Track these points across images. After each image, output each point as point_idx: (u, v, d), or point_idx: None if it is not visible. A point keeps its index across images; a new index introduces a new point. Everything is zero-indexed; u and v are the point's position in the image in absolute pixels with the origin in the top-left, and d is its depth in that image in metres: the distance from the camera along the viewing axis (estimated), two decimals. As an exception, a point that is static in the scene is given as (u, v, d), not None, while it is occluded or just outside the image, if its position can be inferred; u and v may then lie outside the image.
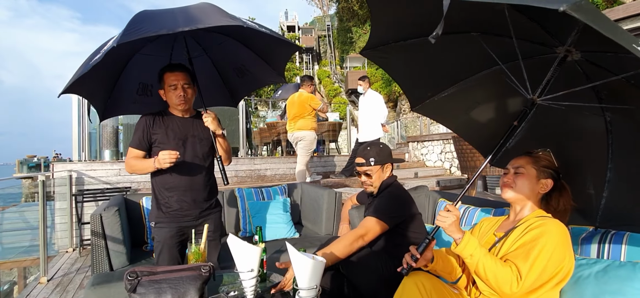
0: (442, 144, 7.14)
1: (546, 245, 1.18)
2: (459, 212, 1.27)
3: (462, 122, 1.79)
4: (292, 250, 0.91)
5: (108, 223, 2.26)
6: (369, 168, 1.96)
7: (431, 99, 1.67)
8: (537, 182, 1.38)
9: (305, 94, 4.94)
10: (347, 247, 1.70)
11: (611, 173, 1.31)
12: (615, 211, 1.33)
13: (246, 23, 1.68)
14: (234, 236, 1.01)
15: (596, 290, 1.21)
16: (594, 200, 1.37)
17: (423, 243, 1.26)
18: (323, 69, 26.41)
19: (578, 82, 1.19)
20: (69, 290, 3.17)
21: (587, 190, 1.40)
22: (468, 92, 1.58)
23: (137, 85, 2.11)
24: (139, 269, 1.28)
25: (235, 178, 5.79)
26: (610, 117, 1.28)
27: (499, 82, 1.40)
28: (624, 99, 1.18)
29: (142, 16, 1.63)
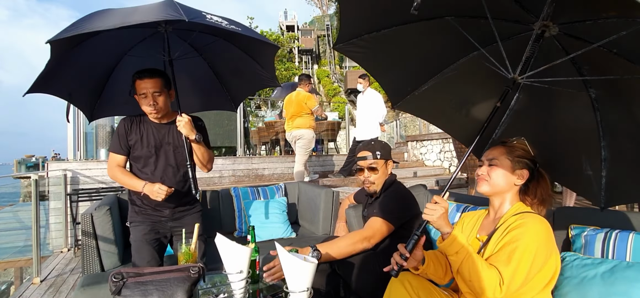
0: (441, 143, 7.10)
1: (528, 247, 1.11)
2: (447, 204, 1.19)
3: (447, 116, 1.70)
4: (281, 251, 0.86)
5: (99, 223, 2.21)
6: (375, 162, 1.86)
7: (412, 93, 1.58)
8: (512, 173, 1.31)
9: (302, 92, 4.90)
10: (349, 247, 1.63)
11: (605, 151, 1.26)
12: (617, 189, 1.28)
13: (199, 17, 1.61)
14: (222, 236, 0.96)
15: (602, 291, 1.16)
16: (594, 181, 1.32)
17: (411, 240, 1.18)
18: (322, 68, 26.38)
19: (558, 58, 1.13)
20: (62, 290, 3.11)
21: (585, 172, 1.35)
22: (449, 82, 1.50)
23: (130, 87, 2.01)
24: (125, 270, 1.23)
25: (233, 178, 5.74)
26: (595, 94, 1.23)
27: (480, 68, 1.34)
28: (606, 70, 1.13)
29: (97, 13, 1.62)
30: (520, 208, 1.28)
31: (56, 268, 3.75)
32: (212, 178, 5.57)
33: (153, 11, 1.56)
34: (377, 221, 1.71)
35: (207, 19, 1.65)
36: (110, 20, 1.51)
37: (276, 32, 22.26)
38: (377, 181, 1.87)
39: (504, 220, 1.26)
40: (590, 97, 1.23)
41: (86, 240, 2.19)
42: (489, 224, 1.35)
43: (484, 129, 1.23)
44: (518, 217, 1.22)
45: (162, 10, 1.55)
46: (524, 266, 1.09)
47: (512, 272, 1.08)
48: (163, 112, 1.90)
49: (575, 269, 1.28)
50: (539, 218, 1.19)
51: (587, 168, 1.35)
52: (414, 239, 1.17)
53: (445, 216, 1.17)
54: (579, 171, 1.38)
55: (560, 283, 1.30)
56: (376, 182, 1.87)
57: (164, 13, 1.52)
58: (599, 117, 1.24)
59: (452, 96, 1.56)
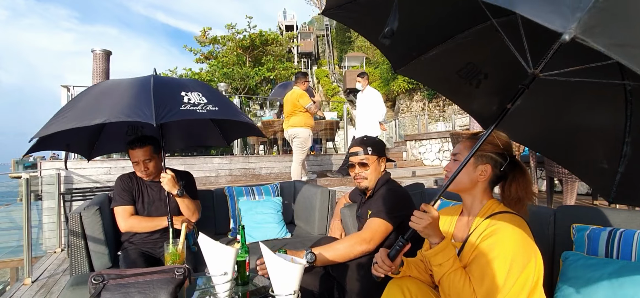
0: (440, 142, 7.05)
1: (501, 260, 1.03)
2: (436, 213, 1.09)
3: (453, 84, 1.54)
4: (266, 252, 0.81)
5: (88, 222, 2.15)
6: (366, 158, 1.79)
7: (418, 58, 1.44)
8: (474, 169, 1.21)
9: (297, 90, 4.86)
10: (347, 249, 1.56)
11: (628, 147, 1.15)
12: (631, 188, 1.20)
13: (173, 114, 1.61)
14: (205, 236, 0.90)
15: (609, 293, 1.09)
16: (609, 175, 1.23)
17: (395, 247, 1.11)
18: (321, 68, 26.32)
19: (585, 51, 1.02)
20: (54, 291, 3.05)
21: (600, 164, 1.25)
22: (459, 50, 1.37)
23: (126, 128, 2.27)
24: (106, 272, 1.18)
25: (230, 177, 5.68)
26: (631, 86, 1.10)
27: (495, 41, 1.21)
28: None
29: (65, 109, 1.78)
30: (492, 207, 1.20)
31: (48, 268, 3.69)
32: (208, 177, 5.52)
33: (122, 107, 1.59)
34: (375, 222, 1.64)
35: (181, 108, 1.64)
36: (80, 114, 1.64)
37: (275, 31, 22.20)
38: (369, 177, 1.80)
39: (476, 224, 1.19)
40: (625, 89, 1.11)
41: (74, 240, 2.13)
42: (462, 227, 1.28)
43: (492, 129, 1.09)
44: (490, 221, 1.13)
45: (132, 108, 1.56)
46: (498, 280, 1.02)
47: (486, 289, 1.02)
48: (154, 174, 2.14)
49: (579, 269, 1.22)
50: (511, 219, 1.10)
51: (603, 161, 1.25)
52: (398, 246, 1.11)
53: (433, 225, 1.08)
54: (593, 162, 1.29)
55: (563, 283, 1.25)
56: (368, 177, 1.80)
57: (134, 112, 1.54)
58: (629, 111, 1.13)
59: (461, 65, 1.42)
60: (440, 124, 14.69)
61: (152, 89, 1.64)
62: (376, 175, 1.82)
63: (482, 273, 1.04)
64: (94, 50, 5.00)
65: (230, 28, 18.78)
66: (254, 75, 16.42)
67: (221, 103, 1.81)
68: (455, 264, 1.06)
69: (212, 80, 16.48)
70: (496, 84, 1.43)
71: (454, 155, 1.27)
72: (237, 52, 18.17)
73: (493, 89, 1.44)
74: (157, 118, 1.47)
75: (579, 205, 1.70)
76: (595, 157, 1.28)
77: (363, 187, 1.82)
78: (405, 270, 1.24)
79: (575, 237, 1.42)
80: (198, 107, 1.68)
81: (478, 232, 1.14)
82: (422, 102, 17.04)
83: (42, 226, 4.42)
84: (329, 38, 29.45)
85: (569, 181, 2.71)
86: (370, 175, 1.80)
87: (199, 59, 19.48)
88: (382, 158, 1.84)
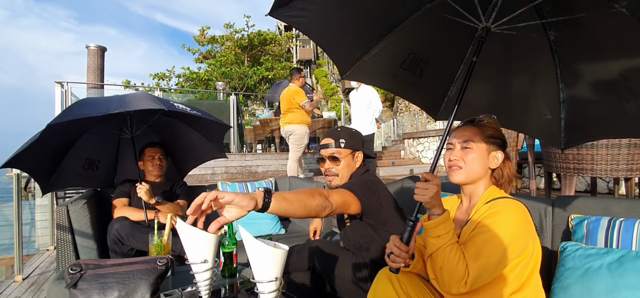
0: (438, 140, 7.01)
1: (499, 239, 0.99)
2: (438, 180, 1.02)
3: (399, 78, 1.49)
4: (246, 235, 0.76)
5: (75, 217, 2.10)
6: (337, 151, 1.57)
7: (361, 59, 1.40)
8: (487, 156, 1.17)
9: (293, 87, 4.81)
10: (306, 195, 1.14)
11: (564, 93, 1.23)
12: (577, 129, 1.26)
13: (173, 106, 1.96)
14: (182, 221, 0.85)
15: (610, 283, 1.05)
16: (554, 124, 1.29)
17: (407, 228, 1.02)
18: (320, 68, 26.30)
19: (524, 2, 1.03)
20: (44, 288, 3.00)
21: (544, 116, 1.31)
22: (401, 41, 1.34)
23: (84, 161, 2.34)
24: (85, 262, 1.13)
25: (226, 175, 5.64)
26: (553, 36, 1.16)
27: (434, 22, 1.25)
28: (568, 9, 1.04)
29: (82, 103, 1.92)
30: (493, 193, 1.16)
31: (40, 266, 3.63)
32: (204, 175, 5.47)
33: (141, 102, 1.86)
34: (341, 190, 1.35)
35: (177, 107, 2.02)
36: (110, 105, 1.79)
37: (273, 31, 22.19)
38: (340, 174, 1.58)
39: (476, 209, 1.14)
40: (549, 40, 1.17)
41: (62, 235, 2.08)
42: (462, 214, 1.22)
43: (463, 90, 1.10)
44: (490, 205, 1.09)
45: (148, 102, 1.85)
46: (491, 258, 0.97)
47: (479, 267, 0.97)
48: (163, 171, 2.49)
49: (578, 260, 1.18)
50: (512, 203, 1.07)
51: (546, 112, 1.30)
52: (409, 226, 1.02)
53: (438, 194, 1.01)
54: (539, 116, 1.33)
55: (562, 274, 1.20)
56: (339, 174, 1.58)
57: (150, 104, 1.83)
58: (557, 60, 1.19)
59: (405, 56, 1.39)
60: (439, 123, 14.65)
61: (147, 94, 1.98)
62: (349, 172, 1.60)
63: (477, 251, 0.99)
64: (89, 46, 4.94)
65: (229, 27, 18.76)
66: (253, 75, 16.39)
67: (200, 111, 2.13)
68: (453, 238, 1.01)
69: (211, 79, 16.45)
70: (437, 69, 1.45)
71: (464, 141, 1.19)
72: (236, 52, 18.13)
73: (435, 74, 1.46)
74: (167, 106, 1.83)
75: (577, 195, 1.65)
76: (539, 111, 1.34)
77: (334, 186, 1.59)
78: (415, 264, 1.17)
79: (573, 227, 1.38)
80: (188, 109, 2.04)
81: (478, 216, 1.10)
82: (421, 101, 17.02)
83: (34, 224, 4.36)
84: (327, 38, 29.37)
85: (567, 175, 2.67)
86: (341, 171, 1.58)
87: (197, 59, 19.44)
88: (357, 152, 1.63)
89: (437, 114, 1.52)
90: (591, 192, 3.71)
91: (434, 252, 1.01)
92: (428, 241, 1.03)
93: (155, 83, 18.13)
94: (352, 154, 1.61)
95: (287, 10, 1.14)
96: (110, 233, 2.03)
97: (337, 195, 1.25)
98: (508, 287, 1.02)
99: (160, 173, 2.44)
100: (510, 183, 1.22)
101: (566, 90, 1.22)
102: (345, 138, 1.59)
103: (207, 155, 2.71)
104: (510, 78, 1.36)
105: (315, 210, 1.14)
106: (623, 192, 4.07)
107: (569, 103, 1.23)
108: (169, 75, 18.61)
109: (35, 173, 2.16)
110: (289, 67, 18.97)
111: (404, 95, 1.56)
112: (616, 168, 2.50)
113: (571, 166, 2.62)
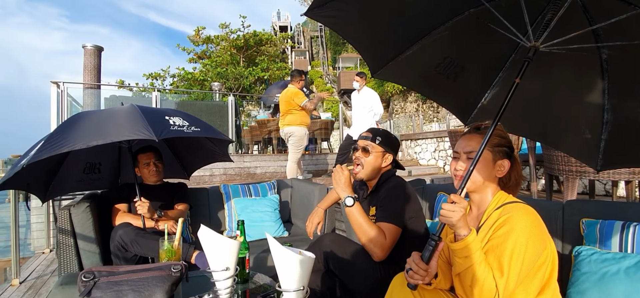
0: (436, 142, 7.04)
1: (517, 247, 1.00)
2: (466, 203, 1.03)
3: (431, 81, 1.52)
4: (274, 244, 0.75)
5: (78, 220, 2.06)
6: (370, 144, 1.70)
7: (394, 60, 1.40)
8: (493, 166, 1.18)
9: (293, 89, 4.79)
10: (368, 237, 1.46)
11: (608, 114, 1.19)
12: (617, 152, 1.22)
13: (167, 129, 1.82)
14: (206, 228, 0.83)
15: (629, 288, 1.05)
16: (593, 144, 1.26)
17: (428, 247, 1.01)
18: (315, 69, 26.30)
19: (576, 18, 1.01)
20: (42, 292, 2.94)
21: (583, 135, 1.28)
22: (438, 45, 1.34)
23: (84, 165, 2.30)
24: (98, 269, 1.10)
25: (224, 176, 5.60)
26: (606, 55, 1.13)
27: (473, 28, 1.23)
28: (629, 33, 1.00)
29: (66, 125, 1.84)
30: (502, 198, 1.16)
31: (37, 269, 3.57)
32: (202, 177, 5.42)
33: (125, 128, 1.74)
34: (386, 228, 1.52)
35: (171, 128, 1.86)
36: (86, 135, 1.69)
37: (269, 32, 22.14)
38: (365, 165, 1.70)
39: (487, 215, 1.15)
40: (601, 58, 1.13)
41: (64, 239, 2.04)
42: (472, 221, 1.22)
43: (502, 110, 1.07)
44: (502, 210, 1.10)
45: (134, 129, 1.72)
46: (515, 269, 0.98)
47: (505, 280, 0.98)
48: (161, 175, 2.42)
49: (593, 264, 1.18)
50: (524, 209, 1.07)
51: (585, 131, 1.28)
52: (431, 246, 1.01)
53: (465, 217, 1.02)
54: (577, 134, 1.31)
55: (577, 279, 1.20)
56: (363, 165, 1.70)
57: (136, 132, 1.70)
58: (606, 80, 1.15)
59: (441, 60, 1.40)
60: (435, 125, 14.74)
61: (141, 113, 1.81)
62: (374, 167, 1.71)
63: (500, 263, 1.00)
64: (85, 46, 4.87)
65: (224, 28, 18.66)
66: (248, 75, 16.32)
67: (201, 124, 2.04)
68: (481, 256, 1.01)
69: (206, 79, 16.34)
70: (473, 75, 1.44)
71: (467, 152, 1.20)
72: (231, 52, 18.05)
73: (470, 80, 1.45)
74: (157, 134, 1.69)
75: (588, 200, 1.67)
76: (578, 130, 1.31)
77: (356, 173, 1.72)
78: (438, 283, 1.15)
79: (585, 231, 1.38)
80: (184, 128, 1.92)
81: (490, 223, 1.11)
82: (417, 102, 17.08)
83: (30, 226, 4.28)
84: (323, 39, 29.44)
85: (569, 178, 2.69)
86: (367, 163, 1.70)
87: (192, 59, 19.30)
88: (388, 154, 1.74)
89: (468, 120, 1.50)
90: (589, 195, 3.74)
91: (463, 271, 1.02)
92: (456, 261, 1.04)
93: (149, 83, 17.97)
94: (383, 153, 1.73)
95: (323, 11, 1.18)
96: (113, 239, 1.98)
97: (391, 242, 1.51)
98: (530, 291, 1.03)
99: (158, 178, 2.39)
100: (518, 187, 1.23)
101: (611, 112, 1.18)
102: (381, 137, 1.74)
103: (214, 156, 2.64)
104: (551, 92, 1.32)
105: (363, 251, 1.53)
106: (620, 194, 4.13)
107: (612, 125, 1.19)
108: (163, 75, 18.46)
109: (32, 188, 2.12)
110: (285, 68, 18.94)
111: (435, 98, 1.59)
112: (618, 171, 2.52)
113: (573, 169, 2.64)
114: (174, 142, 2.58)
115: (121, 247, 1.95)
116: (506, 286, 0.98)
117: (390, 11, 1.25)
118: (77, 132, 1.75)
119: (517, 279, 0.99)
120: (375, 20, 1.29)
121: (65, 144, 1.66)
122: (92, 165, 2.37)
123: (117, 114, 1.91)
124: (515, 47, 1.30)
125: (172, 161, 2.69)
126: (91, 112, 2.05)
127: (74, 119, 1.92)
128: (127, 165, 2.57)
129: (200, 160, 2.75)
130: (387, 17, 1.27)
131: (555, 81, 1.28)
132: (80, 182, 2.34)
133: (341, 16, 1.24)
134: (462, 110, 1.54)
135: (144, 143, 2.40)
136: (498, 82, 1.38)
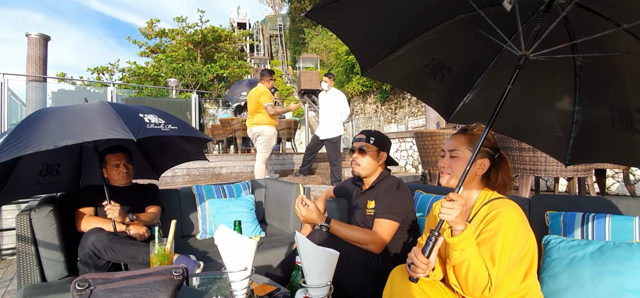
0: (397, 142, 7.33)
1: (507, 238, 1.12)
2: (463, 200, 1.11)
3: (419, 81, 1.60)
4: (302, 240, 0.76)
5: (39, 226, 1.89)
6: (366, 145, 1.87)
7: (385, 59, 1.49)
8: (473, 164, 1.29)
9: (261, 88, 4.73)
10: (359, 239, 1.67)
11: (579, 115, 1.34)
12: (584, 148, 1.37)
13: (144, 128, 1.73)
14: (224, 227, 0.83)
15: (594, 270, 1.21)
16: (563, 141, 1.41)
17: (429, 242, 1.08)
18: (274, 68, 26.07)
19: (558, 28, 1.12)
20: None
21: (555, 133, 1.43)
22: (428, 47, 1.43)
23: (40, 167, 2.10)
24: (91, 277, 1.04)
25: (188, 177, 5.38)
26: (580, 62, 1.27)
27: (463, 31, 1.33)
28: (604, 45, 1.13)
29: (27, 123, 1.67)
30: (488, 195, 1.29)
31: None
32: (163, 177, 5.15)
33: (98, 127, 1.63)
34: (384, 224, 1.70)
35: (147, 126, 1.78)
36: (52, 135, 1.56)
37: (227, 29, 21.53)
38: (363, 165, 1.87)
39: (475, 210, 1.27)
40: (575, 65, 1.27)
41: (22, 246, 1.86)
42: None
43: (495, 115, 1.18)
44: (490, 205, 1.22)
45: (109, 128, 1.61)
46: (505, 259, 1.10)
47: (497, 270, 1.09)
48: (131, 177, 2.31)
49: (562, 251, 1.34)
50: (510, 203, 1.20)
51: (557, 129, 1.42)
52: (431, 241, 1.08)
53: (462, 213, 1.10)
54: (549, 132, 1.45)
55: (548, 264, 1.35)
56: (362, 164, 1.87)
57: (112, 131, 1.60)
58: (578, 84, 1.30)
59: (429, 61, 1.49)
60: (393, 126, 15.31)
61: (115, 111, 1.72)
62: (371, 165, 1.87)
63: (492, 255, 1.11)
64: (30, 34, 4.38)
65: (181, 21, 17.82)
66: (206, 72, 15.73)
67: (177, 123, 1.96)
68: (476, 249, 1.11)
69: (160, 74, 15.50)
70: (458, 75, 1.55)
71: (451, 151, 1.33)
72: (188, 47, 17.26)
73: (455, 80, 1.57)
74: (134, 133, 1.61)
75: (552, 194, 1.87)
76: (551, 128, 1.46)
77: (356, 172, 1.90)
78: (436, 275, 1.23)
79: (550, 222, 1.55)
80: (161, 126, 1.84)
81: (479, 218, 1.21)
82: (375, 104, 17.61)
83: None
84: (282, 39, 29.26)
85: (524, 175, 2.97)
86: (364, 162, 1.87)
87: (144, 52, 18.18)
88: (382, 152, 1.90)
89: (450, 117, 1.61)
90: (535, 190, 4.14)
91: (459, 264, 1.11)
92: (452, 254, 1.12)
93: (96, 77, 16.64)
94: (377, 151, 1.88)
95: (322, 11, 1.23)
96: (84, 246, 1.83)
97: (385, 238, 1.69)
98: (516, 278, 1.15)
99: (127, 180, 2.28)
100: (506, 187, 1.33)
101: (581, 113, 1.32)
102: (375, 137, 1.89)
103: (188, 155, 2.55)
104: (528, 94, 1.44)
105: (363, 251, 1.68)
106: (561, 189, 4.62)
107: (581, 124, 1.33)
108: (111, 69, 17.19)
109: None
110: (244, 66, 18.52)
111: (419, 95, 1.67)
112: (564, 169, 2.83)
113: (527, 167, 2.92)
114: (143, 140, 2.44)
115: (93, 255, 1.82)
116: (497, 275, 1.09)
117: (385, 15, 1.32)
118: (41, 132, 1.61)
119: (506, 268, 1.11)
120: (370, 23, 1.36)
121: (29, 144, 1.53)
122: (49, 167, 2.16)
123: (86, 111, 1.79)
124: (498, 51, 1.43)
125: (141, 161, 2.57)
126: (56, 108, 1.87)
127: (36, 116, 1.77)
128: (89, 166, 2.39)
129: (171, 160, 2.65)
130: (382, 20, 1.34)
131: (532, 84, 1.42)
132: (36, 185, 2.14)
133: (339, 18, 1.29)
134: (445, 108, 1.65)
135: (111, 142, 2.24)
136: (480, 82, 1.51)
